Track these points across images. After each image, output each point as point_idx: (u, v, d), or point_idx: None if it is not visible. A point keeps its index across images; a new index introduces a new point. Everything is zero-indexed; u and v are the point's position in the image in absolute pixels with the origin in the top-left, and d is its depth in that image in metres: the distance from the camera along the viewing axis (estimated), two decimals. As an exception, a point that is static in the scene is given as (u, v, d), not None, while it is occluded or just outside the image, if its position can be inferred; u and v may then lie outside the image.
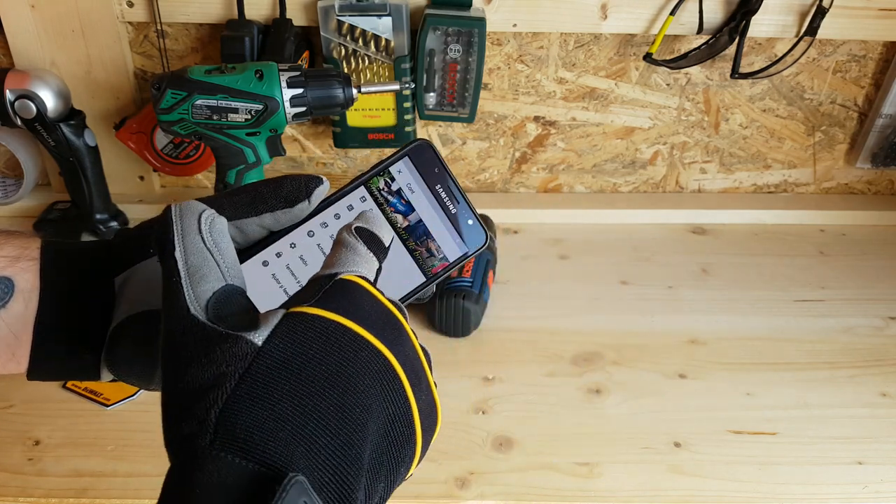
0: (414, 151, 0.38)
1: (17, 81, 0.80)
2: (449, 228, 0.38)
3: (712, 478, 0.67)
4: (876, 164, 1.05)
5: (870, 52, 0.98)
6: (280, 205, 0.35)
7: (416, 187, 0.38)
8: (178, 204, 0.32)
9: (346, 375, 0.26)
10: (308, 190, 0.35)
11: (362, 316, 0.28)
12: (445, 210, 0.38)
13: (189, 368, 0.26)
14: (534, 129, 1.02)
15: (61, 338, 0.35)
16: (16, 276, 0.34)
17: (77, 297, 0.35)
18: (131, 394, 0.73)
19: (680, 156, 1.06)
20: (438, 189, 0.38)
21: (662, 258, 0.97)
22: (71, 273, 0.35)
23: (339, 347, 0.27)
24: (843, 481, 0.67)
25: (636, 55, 0.96)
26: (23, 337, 0.34)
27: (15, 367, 0.35)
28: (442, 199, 0.38)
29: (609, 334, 0.83)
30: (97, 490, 0.64)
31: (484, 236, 0.38)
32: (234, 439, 0.24)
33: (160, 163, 0.96)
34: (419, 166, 0.38)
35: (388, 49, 0.88)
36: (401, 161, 0.38)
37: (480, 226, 0.39)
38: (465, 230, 0.38)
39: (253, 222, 0.35)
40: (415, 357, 0.30)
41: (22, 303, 0.34)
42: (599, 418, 0.73)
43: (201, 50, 0.94)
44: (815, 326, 0.86)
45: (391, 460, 0.27)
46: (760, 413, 0.74)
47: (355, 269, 0.30)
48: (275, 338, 0.26)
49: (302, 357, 0.26)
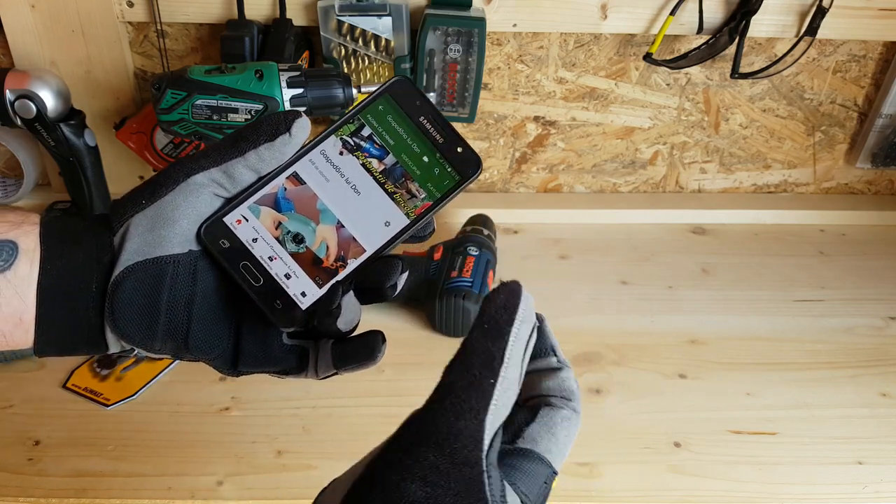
0: (392, 87, 0.38)
1: (17, 81, 0.80)
2: (439, 159, 0.38)
3: (712, 478, 0.67)
4: (876, 164, 1.05)
5: (870, 52, 0.98)
6: (262, 139, 0.36)
7: (398, 124, 0.38)
8: (529, 297, 0.30)
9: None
10: (287, 122, 0.36)
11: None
12: (433, 141, 0.38)
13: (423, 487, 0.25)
14: (534, 129, 1.02)
15: (64, 295, 0.35)
16: (20, 239, 0.35)
17: (77, 255, 0.36)
18: (131, 394, 0.73)
19: (680, 156, 1.06)
20: (423, 121, 0.38)
21: (662, 258, 0.97)
22: (70, 234, 0.36)
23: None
24: (843, 481, 0.67)
25: (636, 55, 0.96)
26: (29, 299, 0.35)
27: (22, 336, 0.36)
28: (428, 131, 0.38)
29: (609, 334, 0.83)
30: (97, 490, 0.64)
31: (476, 162, 0.38)
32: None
33: (160, 163, 0.96)
34: (400, 102, 0.38)
35: (388, 49, 0.88)
36: (380, 98, 0.38)
37: (471, 151, 0.38)
38: (456, 159, 0.38)
39: (240, 163, 0.36)
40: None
41: (27, 264, 0.35)
42: (599, 418, 0.73)
43: (201, 50, 0.94)
44: (815, 326, 0.86)
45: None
46: (760, 413, 0.74)
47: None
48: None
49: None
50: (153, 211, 0.36)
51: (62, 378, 0.75)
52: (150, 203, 0.36)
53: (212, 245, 0.37)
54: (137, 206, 0.36)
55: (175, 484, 0.64)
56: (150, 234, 0.36)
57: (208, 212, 0.37)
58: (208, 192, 0.36)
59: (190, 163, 0.36)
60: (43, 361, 0.77)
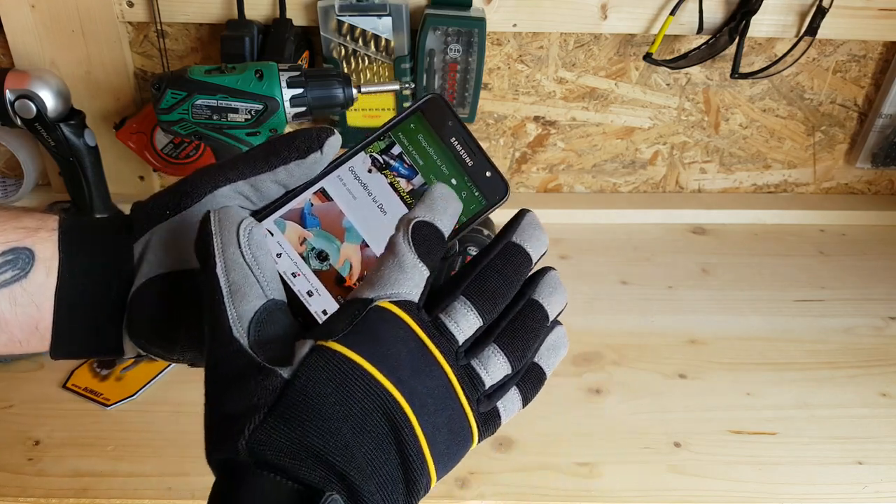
0: (425, 105, 0.38)
1: (17, 81, 0.80)
2: (467, 182, 0.37)
3: (712, 478, 0.67)
4: (876, 164, 1.05)
5: (870, 52, 0.98)
6: (293, 156, 0.35)
7: (428, 144, 0.37)
8: (217, 211, 0.32)
9: (356, 414, 0.28)
10: (320, 140, 0.35)
11: (382, 355, 0.29)
12: (462, 163, 0.37)
13: (227, 395, 0.29)
14: (534, 129, 1.02)
15: (83, 304, 0.35)
16: (36, 246, 0.35)
17: (97, 263, 0.35)
18: (131, 394, 0.73)
19: (680, 156, 1.06)
20: (453, 142, 0.37)
21: (662, 258, 0.97)
22: (90, 241, 0.36)
23: (352, 387, 0.29)
24: (843, 481, 0.67)
25: (636, 55, 0.96)
26: (45, 307, 0.34)
27: (38, 342, 0.35)
28: (458, 153, 0.37)
29: (609, 334, 0.83)
30: (97, 490, 0.64)
31: (504, 188, 0.37)
32: (266, 462, 0.27)
33: (160, 163, 0.96)
34: (432, 121, 0.37)
35: (388, 49, 0.88)
36: (412, 116, 0.38)
37: (500, 177, 0.37)
38: (483, 183, 0.37)
39: (268, 178, 0.35)
40: (437, 386, 0.30)
41: (43, 272, 0.34)
42: (599, 418, 0.73)
43: (201, 50, 0.94)
44: (815, 326, 0.86)
45: (406, 484, 0.29)
46: (760, 413, 0.74)
47: (396, 290, 0.30)
48: (300, 373, 0.29)
49: (321, 394, 0.28)
50: (178, 222, 0.35)
51: (62, 378, 0.75)
52: (174, 213, 0.35)
53: None
54: (162, 216, 0.35)
55: (175, 484, 0.64)
56: (174, 245, 0.35)
57: None
58: (234, 204, 0.36)
59: (217, 173, 0.35)
60: (43, 361, 0.77)
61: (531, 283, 0.34)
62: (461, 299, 0.32)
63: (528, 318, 0.33)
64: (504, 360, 0.32)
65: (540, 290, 0.34)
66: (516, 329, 0.33)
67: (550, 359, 0.35)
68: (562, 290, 0.34)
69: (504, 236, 0.33)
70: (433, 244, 0.32)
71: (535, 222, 0.34)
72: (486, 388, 0.32)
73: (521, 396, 0.34)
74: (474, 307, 0.32)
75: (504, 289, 0.32)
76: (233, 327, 0.30)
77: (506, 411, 0.33)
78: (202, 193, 0.35)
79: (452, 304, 0.32)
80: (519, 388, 0.33)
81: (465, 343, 0.32)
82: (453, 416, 0.31)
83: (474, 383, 0.32)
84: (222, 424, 0.28)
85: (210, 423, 0.29)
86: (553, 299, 0.34)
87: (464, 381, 0.31)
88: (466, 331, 0.31)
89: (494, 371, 0.32)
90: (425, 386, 0.30)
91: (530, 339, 0.33)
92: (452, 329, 0.31)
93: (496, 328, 0.32)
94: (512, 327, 0.33)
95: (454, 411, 0.31)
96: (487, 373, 0.32)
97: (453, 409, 0.31)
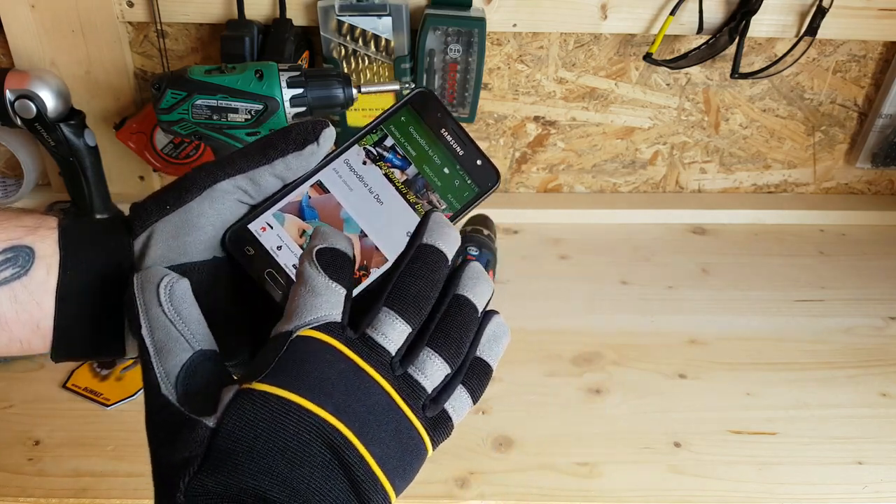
0: (414, 99, 0.39)
1: (17, 81, 0.80)
2: (459, 170, 0.39)
3: (712, 478, 0.67)
4: (876, 164, 1.05)
5: (870, 52, 0.98)
6: (290, 148, 0.36)
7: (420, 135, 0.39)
8: (139, 274, 0.33)
9: (292, 448, 0.28)
10: (315, 132, 0.36)
11: (310, 384, 0.29)
12: (453, 153, 0.39)
13: (163, 449, 0.30)
14: (534, 129, 1.02)
15: (84, 300, 0.35)
16: (36, 244, 0.35)
17: (97, 260, 0.35)
18: (131, 394, 0.73)
19: (680, 156, 1.06)
20: (444, 133, 0.39)
21: (662, 258, 0.97)
22: (90, 238, 0.36)
23: (284, 422, 0.29)
24: (843, 481, 0.67)
25: (636, 55, 0.96)
26: (46, 305, 0.34)
27: (39, 342, 0.35)
28: (448, 143, 0.39)
29: (609, 334, 0.83)
30: (97, 490, 0.64)
31: (495, 175, 0.39)
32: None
33: (160, 163, 0.96)
34: (422, 114, 0.39)
35: (388, 49, 0.88)
36: (403, 109, 0.39)
37: (490, 165, 0.39)
38: (475, 171, 0.39)
39: (266, 171, 0.36)
40: (375, 403, 0.30)
41: (44, 270, 0.34)
42: (599, 418, 0.73)
43: (201, 50, 0.94)
44: (815, 326, 0.86)
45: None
46: (760, 413, 0.74)
47: (315, 316, 0.31)
48: (227, 418, 0.29)
49: (251, 436, 0.28)
50: (178, 217, 0.35)
51: (62, 378, 0.75)
52: (174, 209, 0.35)
53: (237, 252, 0.37)
54: (162, 212, 0.35)
55: (175, 484, 0.64)
56: (174, 240, 0.35)
57: (233, 219, 0.37)
58: (233, 199, 0.36)
59: (216, 169, 0.36)
60: (43, 362, 0.77)
61: (453, 280, 0.34)
62: (384, 310, 0.31)
63: (456, 314, 0.33)
64: (440, 361, 0.32)
65: (463, 284, 0.34)
66: (447, 327, 0.32)
67: (493, 349, 0.34)
68: (484, 279, 0.34)
69: (414, 240, 0.33)
70: (341, 264, 0.32)
71: (442, 220, 0.34)
72: (428, 392, 0.32)
73: (469, 393, 0.33)
74: (399, 315, 0.31)
75: (426, 290, 0.32)
76: (161, 384, 0.30)
77: (455, 411, 0.33)
78: (201, 188, 0.35)
79: (377, 317, 0.31)
80: (465, 385, 0.33)
81: (399, 353, 0.31)
82: (399, 428, 0.31)
83: (415, 390, 0.31)
84: (163, 478, 0.29)
85: (154, 476, 0.30)
86: (477, 290, 0.34)
87: (403, 390, 0.31)
88: (396, 340, 0.31)
89: (433, 374, 0.32)
90: (363, 404, 0.30)
91: (463, 335, 0.33)
92: (381, 341, 0.31)
93: (426, 331, 0.32)
94: (442, 326, 0.32)
95: (399, 423, 0.31)
96: (426, 377, 0.31)
97: (398, 420, 0.31)
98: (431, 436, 0.32)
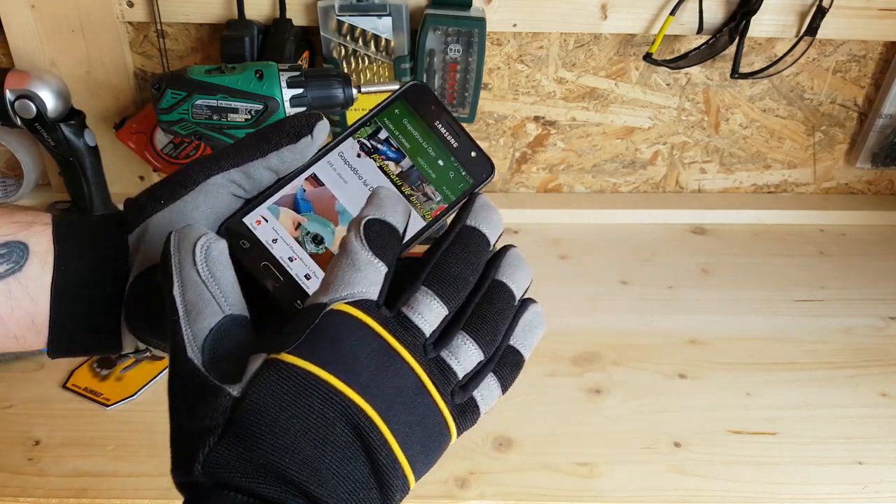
0: (408, 92, 0.39)
1: (17, 81, 0.80)
2: (454, 162, 0.39)
3: (712, 478, 0.67)
4: (876, 164, 1.05)
5: (870, 52, 0.98)
6: (285, 141, 0.35)
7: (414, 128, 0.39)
8: (178, 231, 0.32)
9: (316, 426, 0.28)
10: (309, 124, 0.36)
11: (339, 360, 0.29)
12: (447, 145, 0.39)
13: (185, 416, 0.29)
14: (534, 129, 1.02)
15: (79, 296, 0.35)
16: (30, 240, 0.35)
17: (92, 255, 0.35)
18: (131, 394, 0.73)
19: (680, 156, 1.06)
20: (438, 125, 0.39)
21: (662, 258, 0.97)
22: (84, 234, 0.36)
23: (310, 399, 0.28)
24: (843, 481, 0.67)
25: (636, 55, 0.96)
26: (41, 300, 0.34)
27: (35, 338, 0.35)
28: (443, 135, 0.39)
29: (609, 334, 0.83)
30: (97, 490, 0.64)
31: (489, 167, 0.39)
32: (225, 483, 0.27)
33: (160, 163, 0.96)
34: (416, 106, 0.39)
35: (388, 49, 0.88)
36: (396, 102, 0.39)
37: (484, 156, 0.39)
38: (469, 162, 0.39)
39: (260, 165, 0.35)
40: (404, 384, 0.30)
41: (38, 265, 0.34)
42: (599, 418, 0.73)
43: (201, 50, 0.94)
44: (815, 326, 0.86)
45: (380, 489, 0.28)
46: (760, 413, 0.74)
47: (351, 291, 0.30)
48: (252, 388, 0.28)
49: (275, 409, 0.28)
50: (172, 212, 0.35)
51: (62, 378, 0.75)
52: (168, 203, 0.35)
53: (232, 245, 0.37)
54: (156, 207, 0.35)
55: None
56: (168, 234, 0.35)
57: (227, 212, 0.37)
58: (228, 192, 0.36)
59: (210, 163, 0.36)
60: (43, 361, 0.77)
61: (493, 265, 0.33)
62: (422, 290, 0.31)
63: (494, 299, 0.32)
64: (475, 347, 0.31)
65: (503, 270, 0.33)
66: (484, 313, 0.32)
67: (527, 340, 0.34)
68: (525, 266, 0.34)
69: (458, 221, 0.33)
70: (387, 240, 0.31)
71: (487, 204, 0.34)
72: (458, 378, 0.31)
73: (500, 383, 0.32)
74: (437, 296, 0.31)
75: (466, 273, 0.31)
76: (188, 347, 0.29)
77: (484, 400, 0.32)
78: (195, 182, 0.35)
79: (414, 296, 0.31)
80: (496, 374, 0.32)
81: (433, 335, 0.31)
82: (426, 413, 0.30)
83: (446, 375, 0.31)
84: (182, 446, 0.28)
85: (173, 444, 0.29)
86: (517, 276, 0.33)
87: (434, 374, 0.30)
88: (432, 321, 0.31)
89: (466, 360, 0.31)
90: (391, 385, 0.29)
91: (500, 322, 0.32)
92: (417, 321, 0.30)
93: (463, 315, 0.31)
94: (479, 311, 0.32)
95: (427, 407, 0.30)
96: (459, 362, 0.31)
97: (425, 405, 0.30)
98: (458, 423, 0.31)
